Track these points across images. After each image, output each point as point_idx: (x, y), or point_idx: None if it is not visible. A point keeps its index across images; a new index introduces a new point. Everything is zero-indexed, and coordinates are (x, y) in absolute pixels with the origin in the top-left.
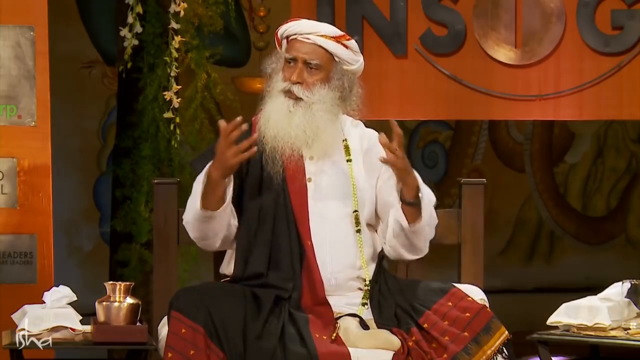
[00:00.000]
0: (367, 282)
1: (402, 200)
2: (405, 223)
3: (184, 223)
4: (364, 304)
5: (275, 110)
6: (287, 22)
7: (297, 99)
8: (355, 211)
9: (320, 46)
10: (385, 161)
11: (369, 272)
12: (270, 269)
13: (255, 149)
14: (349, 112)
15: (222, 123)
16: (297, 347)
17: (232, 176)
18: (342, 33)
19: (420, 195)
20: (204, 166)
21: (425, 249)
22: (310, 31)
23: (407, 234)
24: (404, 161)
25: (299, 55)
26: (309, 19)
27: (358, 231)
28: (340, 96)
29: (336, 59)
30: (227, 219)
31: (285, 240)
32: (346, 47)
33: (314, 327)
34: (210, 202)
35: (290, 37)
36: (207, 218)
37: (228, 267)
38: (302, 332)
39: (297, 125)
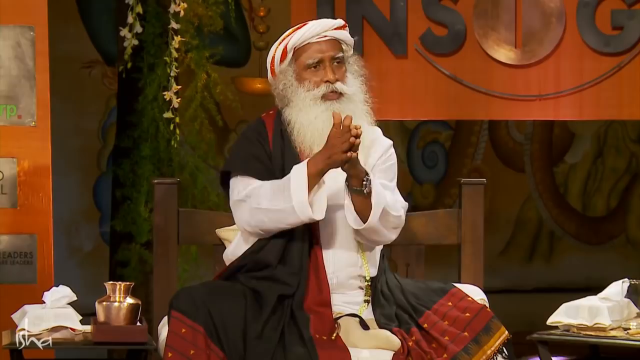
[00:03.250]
0: (368, 279)
1: (350, 188)
2: (357, 223)
3: (235, 201)
4: (366, 301)
5: (322, 118)
6: (294, 32)
7: (340, 95)
8: None
9: (335, 39)
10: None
11: (369, 269)
12: (280, 262)
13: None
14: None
15: (337, 116)
16: (297, 347)
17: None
18: (343, 22)
19: (365, 181)
20: (238, 167)
21: (389, 239)
22: (325, 29)
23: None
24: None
25: (325, 55)
26: (307, 20)
27: None
28: (361, 81)
29: (344, 46)
30: None
31: (298, 239)
32: (348, 33)
33: (314, 327)
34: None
35: (303, 44)
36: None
37: (235, 250)
38: (302, 333)
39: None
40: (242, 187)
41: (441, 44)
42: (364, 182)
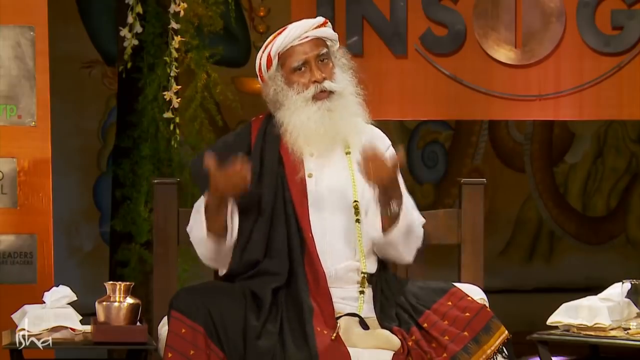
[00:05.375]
0: (364, 272)
1: (377, 202)
2: (378, 233)
3: (191, 239)
4: (361, 292)
5: (314, 119)
6: (275, 38)
7: (330, 94)
8: (355, 201)
9: (318, 37)
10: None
11: (367, 263)
12: (266, 256)
13: (248, 180)
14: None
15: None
16: (298, 347)
17: (233, 204)
18: (323, 18)
19: (392, 207)
20: (198, 171)
21: (406, 259)
22: (306, 29)
23: (381, 243)
24: (387, 179)
25: (308, 55)
26: (299, 21)
27: (357, 221)
28: (350, 73)
29: (328, 42)
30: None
31: (282, 232)
32: (330, 28)
33: (316, 321)
34: (213, 227)
35: (286, 49)
36: (215, 247)
37: (224, 270)
38: (304, 328)
39: (340, 118)
40: (192, 216)
41: (441, 44)
42: (392, 208)
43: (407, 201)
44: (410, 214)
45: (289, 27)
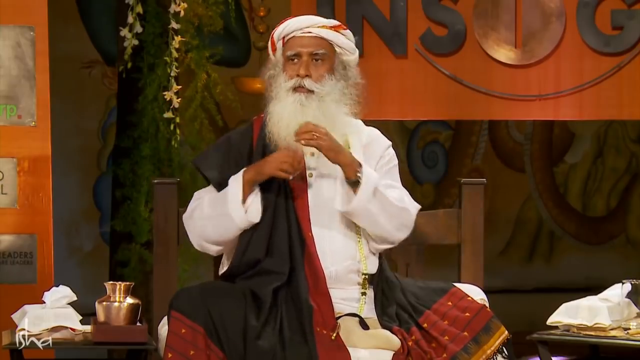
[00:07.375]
0: (364, 274)
1: (347, 180)
2: (338, 206)
3: (185, 218)
4: (363, 294)
5: (288, 110)
6: (282, 23)
7: (309, 92)
8: None
9: (322, 37)
10: (307, 144)
11: (367, 265)
12: (267, 255)
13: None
14: (351, 104)
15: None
16: (298, 347)
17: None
18: (338, 23)
19: (359, 172)
20: (206, 164)
21: (392, 234)
22: (309, 24)
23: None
24: (327, 140)
25: (303, 49)
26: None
27: None
28: (346, 86)
29: (336, 48)
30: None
31: (284, 230)
32: (344, 36)
33: (316, 321)
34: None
35: (289, 36)
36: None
37: (224, 268)
38: (304, 327)
39: (313, 118)
40: (193, 202)
41: (441, 44)
42: (358, 174)
43: (388, 184)
44: (374, 178)
45: (296, 17)
